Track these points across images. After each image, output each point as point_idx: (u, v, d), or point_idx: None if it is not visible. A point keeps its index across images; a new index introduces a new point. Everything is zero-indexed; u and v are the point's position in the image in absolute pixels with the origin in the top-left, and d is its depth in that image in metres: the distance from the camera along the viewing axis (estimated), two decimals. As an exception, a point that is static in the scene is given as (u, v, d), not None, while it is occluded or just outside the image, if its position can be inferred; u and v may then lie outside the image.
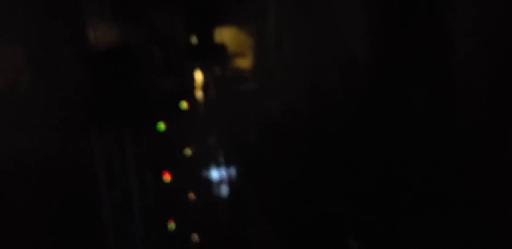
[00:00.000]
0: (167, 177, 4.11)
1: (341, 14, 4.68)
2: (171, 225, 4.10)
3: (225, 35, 4.98)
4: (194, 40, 4.70)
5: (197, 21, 4.76)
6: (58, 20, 4.62)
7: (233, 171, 4.40)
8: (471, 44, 3.80)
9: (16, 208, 3.83)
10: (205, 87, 4.64)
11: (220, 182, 4.39)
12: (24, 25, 4.56)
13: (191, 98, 4.55)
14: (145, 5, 4.83)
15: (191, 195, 4.25)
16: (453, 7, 3.88)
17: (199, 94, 4.61)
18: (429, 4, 3.95)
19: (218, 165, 4.40)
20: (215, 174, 4.39)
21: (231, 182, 4.39)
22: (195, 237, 4.17)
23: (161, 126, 4.18)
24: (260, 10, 5.02)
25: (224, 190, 4.38)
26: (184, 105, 4.41)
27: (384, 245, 3.72)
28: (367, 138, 4.29)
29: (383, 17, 4.27)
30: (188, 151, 4.26)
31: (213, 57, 4.69)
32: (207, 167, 4.39)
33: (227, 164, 4.41)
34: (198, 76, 4.64)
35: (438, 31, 3.91)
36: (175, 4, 4.89)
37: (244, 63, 4.93)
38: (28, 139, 4.24)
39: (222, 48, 4.71)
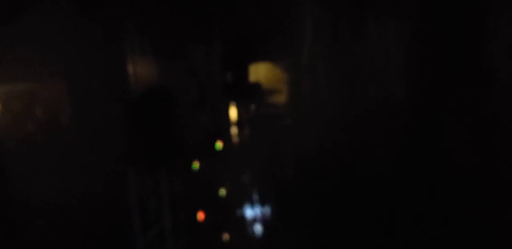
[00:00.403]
0: (201, 217, 4.10)
1: (378, 50, 4.62)
2: (205, 265, 4.07)
3: (260, 71, 5.00)
4: (229, 77, 4.74)
5: (232, 59, 4.81)
6: (99, 54, 4.80)
7: (267, 210, 4.34)
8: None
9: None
10: (240, 124, 4.64)
11: (254, 221, 4.34)
12: (66, 58, 4.75)
13: (226, 137, 4.56)
14: (183, 42, 4.94)
15: (225, 235, 4.21)
16: (492, 45, 3.78)
17: (234, 132, 4.62)
18: (469, 41, 3.85)
19: (252, 204, 4.36)
20: (249, 213, 4.34)
21: (265, 222, 4.33)
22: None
23: (196, 165, 4.20)
24: (295, 46, 5.03)
25: (258, 229, 4.32)
26: (219, 144, 4.42)
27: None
28: (405, 176, 4.16)
29: (421, 53, 4.19)
30: (223, 191, 4.25)
31: (248, 94, 4.70)
32: (241, 206, 4.35)
33: (262, 203, 4.36)
34: (233, 113, 4.65)
35: (478, 69, 3.80)
36: (212, 41, 4.97)
37: (279, 99, 4.92)
38: (64, 175, 4.36)
39: (257, 85, 4.73)
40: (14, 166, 4.16)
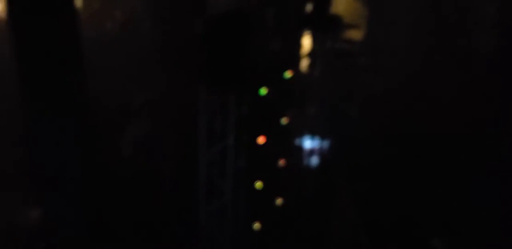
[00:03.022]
0: (261, 141, 4.23)
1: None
2: (259, 185, 4.26)
3: (340, 4, 4.86)
4: (309, 7, 4.64)
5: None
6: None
7: (326, 143, 4.43)
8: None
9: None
10: (312, 57, 4.62)
11: (312, 152, 4.46)
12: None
13: (296, 67, 4.56)
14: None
15: (282, 161, 4.37)
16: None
17: (305, 63, 4.61)
18: None
19: (313, 135, 4.45)
20: (308, 143, 4.45)
21: (322, 154, 4.44)
22: (279, 200, 4.33)
23: (263, 90, 4.26)
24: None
25: (315, 160, 4.45)
26: (288, 73, 4.43)
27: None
28: (474, 135, 4.12)
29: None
30: (285, 120, 4.32)
31: (327, 27, 4.61)
32: (301, 136, 4.45)
33: (322, 136, 4.44)
34: (307, 45, 4.62)
35: None
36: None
37: (356, 36, 4.82)
38: (138, 79, 4.48)
39: (337, 18, 4.61)
40: (93, 62, 4.16)
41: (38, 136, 3.75)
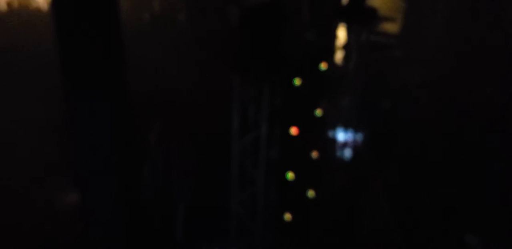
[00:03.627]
0: (294, 132, 4.24)
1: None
2: (291, 176, 4.27)
3: (377, -3, 4.82)
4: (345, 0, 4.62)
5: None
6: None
7: (359, 135, 4.41)
8: None
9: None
10: (348, 49, 4.60)
11: (345, 144, 4.44)
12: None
13: (331, 58, 4.55)
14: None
15: (314, 153, 4.37)
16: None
17: (340, 55, 4.60)
18: None
19: (346, 127, 4.44)
20: (341, 135, 4.44)
21: (355, 146, 4.42)
22: (311, 192, 4.34)
23: (297, 81, 4.27)
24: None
25: (347, 152, 4.44)
26: (323, 65, 4.43)
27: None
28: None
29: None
30: (319, 111, 4.32)
31: (363, 19, 4.59)
32: (334, 127, 4.45)
33: (355, 128, 4.42)
34: (343, 37, 4.60)
35: None
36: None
37: (391, 29, 4.78)
38: (175, 70, 4.56)
39: (373, 10, 4.59)
40: (131, 51, 4.21)
41: (79, 126, 3.85)
